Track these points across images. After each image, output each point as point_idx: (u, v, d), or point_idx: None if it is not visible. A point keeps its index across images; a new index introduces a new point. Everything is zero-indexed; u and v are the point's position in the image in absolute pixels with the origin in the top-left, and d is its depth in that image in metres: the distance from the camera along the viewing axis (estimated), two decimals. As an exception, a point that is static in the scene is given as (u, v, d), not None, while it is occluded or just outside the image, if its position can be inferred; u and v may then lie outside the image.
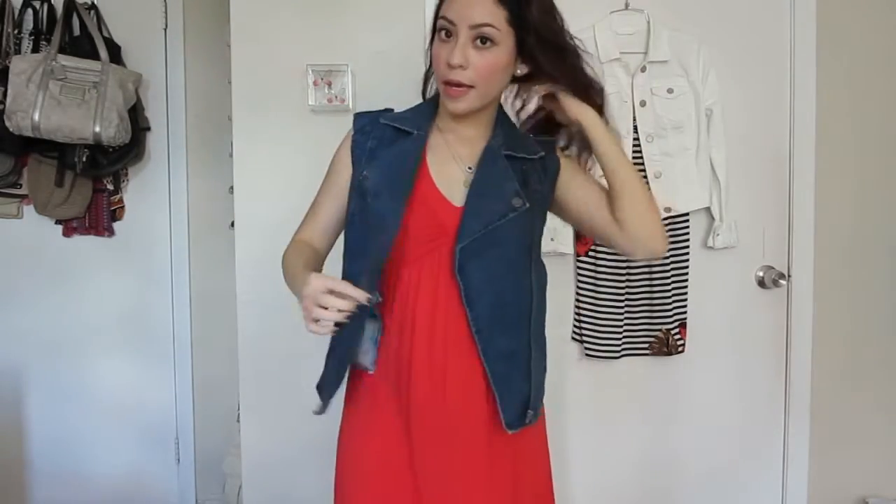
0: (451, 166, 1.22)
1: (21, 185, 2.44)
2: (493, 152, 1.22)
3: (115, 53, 2.36)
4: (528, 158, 1.23)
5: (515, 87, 1.25)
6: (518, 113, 1.29)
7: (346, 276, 1.21)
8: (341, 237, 1.29)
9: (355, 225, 1.23)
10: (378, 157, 1.22)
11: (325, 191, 1.30)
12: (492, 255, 1.18)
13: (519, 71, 1.20)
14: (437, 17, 1.18)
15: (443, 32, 1.15)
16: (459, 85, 1.14)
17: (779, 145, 1.98)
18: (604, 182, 1.23)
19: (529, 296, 1.24)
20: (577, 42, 1.22)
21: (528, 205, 1.18)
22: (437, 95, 1.25)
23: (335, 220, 1.28)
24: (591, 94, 1.22)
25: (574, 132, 1.26)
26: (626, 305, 1.89)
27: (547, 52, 1.17)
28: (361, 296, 1.03)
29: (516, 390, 1.21)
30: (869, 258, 2.07)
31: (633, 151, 1.85)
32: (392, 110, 1.30)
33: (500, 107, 1.27)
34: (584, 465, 1.98)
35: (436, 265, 1.18)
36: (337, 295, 1.03)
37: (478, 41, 1.12)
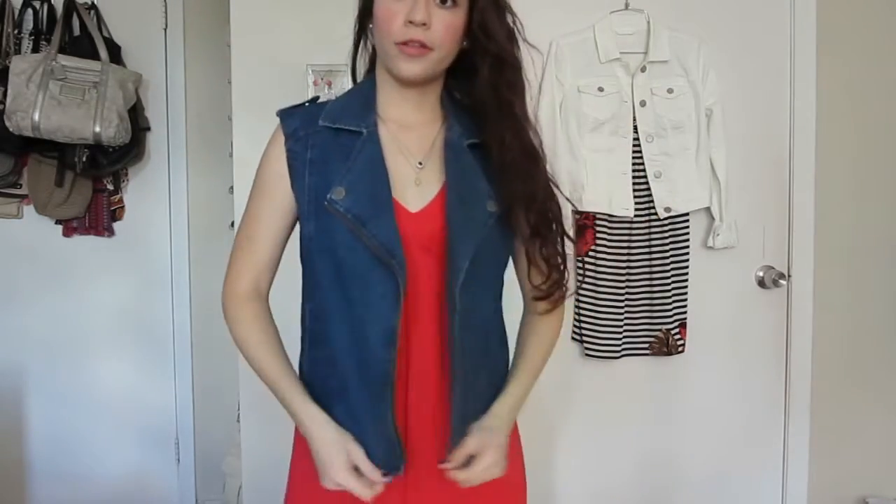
0: (398, 162, 1.06)
1: (21, 185, 2.43)
2: (454, 146, 1.06)
3: (115, 53, 2.36)
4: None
5: None
6: None
7: (332, 305, 1.06)
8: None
9: (321, 251, 1.05)
10: (332, 172, 1.03)
11: (260, 210, 1.10)
12: (475, 276, 1.03)
13: (465, 44, 1.05)
14: None
15: None
16: (422, 45, 0.99)
17: (779, 145, 1.98)
18: None
19: (496, 338, 1.14)
20: (517, 22, 1.08)
21: (500, 210, 1.05)
22: (369, 81, 1.11)
23: (280, 248, 1.12)
24: (506, 70, 1.05)
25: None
26: (626, 305, 1.89)
27: (490, 27, 1.03)
28: (377, 477, 1.00)
29: (471, 415, 1.06)
30: (869, 258, 2.07)
31: (634, 151, 1.85)
32: (318, 98, 1.16)
33: (444, 88, 1.11)
34: (583, 464, 1.98)
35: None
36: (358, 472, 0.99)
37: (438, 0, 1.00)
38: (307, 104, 1.14)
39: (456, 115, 1.09)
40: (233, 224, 1.89)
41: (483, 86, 1.05)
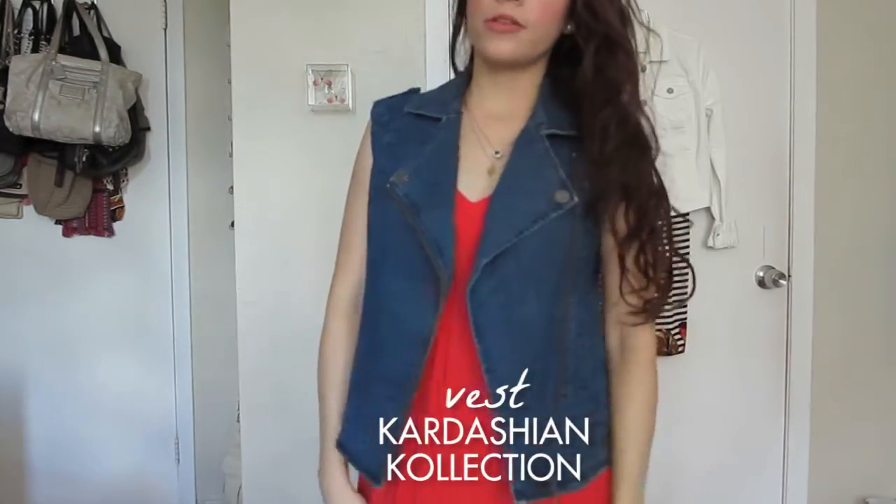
0: (476, 152, 0.98)
1: (21, 185, 2.44)
2: (529, 134, 0.96)
3: (115, 53, 2.37)
4: (580, 137, 0.95)
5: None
6: None
7: (378, 293, 1.01)
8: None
9: (376, 236, 1.02)
10: (402, 156, 0.98)
11: (356, 206, 1.05)
12: (515, 273, 0.92)
13: (569, 27, 0.96)
14: None
15: None
16: (513, 21, 0.90)
17: (779, 145, 1.98)
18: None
19: (561, 333, 0.96)
20: (631, 1, 0.98)
21: (575, 199, 0.93)
22: (464, 73, 1.05)
23: None
24: (618, 54, 0.95)
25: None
26: (626, 305, 1.89)
27: (597, 7, 0.94)
28: None
29: (533, 448, 0.93)
30: (869, 258, 2.07)
31: (633, 151, 1.85)
32: (419, 90, 1.10)
33: (546, 76, 1.01)
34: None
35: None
36: None
37: None
38: (404, 94, 1.08)
39: (547, 105, 0.99)
40: (232, 224, 1.89)
41: (587, 71, 0.94)
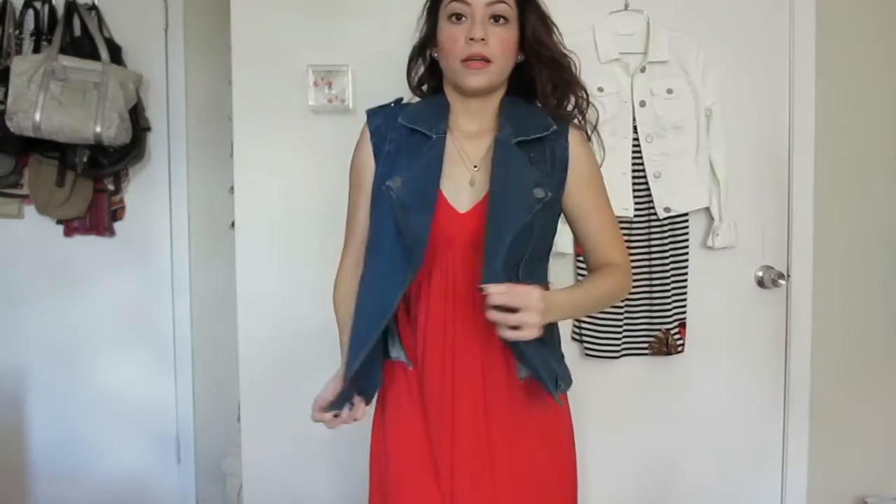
0: (458, 167, 1.22)
1: (22, 186, 2.44)
2: (503, 144, 1.20)
3: (116, 54, 2.37)
4: (538, 138, 1.21)
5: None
6: None
7: (368, 276, 1.26)
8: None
9: (373, 231, 1.25)
10: (399, 165, 1.21)
11: (358, 201, 1.30)
12: (518, 264, 1.18)
13: (519, 58, 1.24)
14: (436, 3, 1.24)
15: (453, 17, 1.19)
16: (483, 59, 1.17)
17: (779, 145, 1.99)
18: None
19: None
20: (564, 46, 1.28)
21: (550, 194, 1.18)
22: (443, 95, 1.27)
23: None
24: (574, 87, 1.27)
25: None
26: (626, 305, 1.90)
27: (542, 38, 1.23)
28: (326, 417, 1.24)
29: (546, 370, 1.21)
30: (868, 258, 2.07)
31: (633, 151, 1.86)
32: (402, 100, 1.31)
33: (505, 94, 1.28)
34: (582, 464, 1.96)
35: (446, 275, 1.19)
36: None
37: (491, 19, 1.18)
38: (392, 105, 1.31)
39: (509, 118, 1.23)
40: (233, 224, 1.90)
41: (546, 84, 1.24)
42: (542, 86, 1.24)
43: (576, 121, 1.27)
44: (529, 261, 1.20)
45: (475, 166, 1.22)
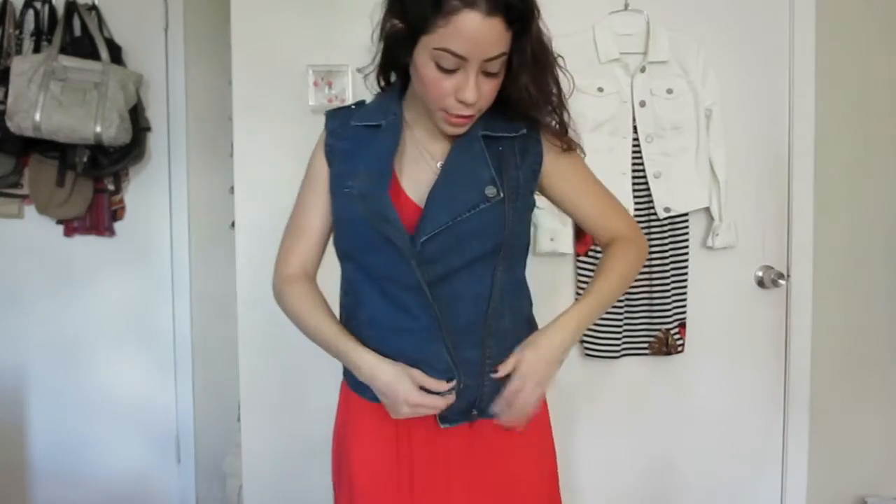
0: (420, 165, 1.16)
1: (22, 186, 2.44)
2: (467, 135, 1.14)
3: (116, 54, 2.37)
4: (508, 137, 1.16)
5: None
6: None
7: (353, 280, 1.20)
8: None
9: (345, 229, 1.18)
10: (354, 161, 1.16)
11: (309, 204, 1.23)
12: (453, 253, 1.11)
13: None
14: (414, 34, 1.05)
15: (442, 63, 1.04)
16: (469, 117, 1.10)
17: (779, 145, 1.99)
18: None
19: (486, 303, 1.14)
20: (559, 62, 1.18)
21: (501, 195, 1.11)
22: (402, 87, 1.19)
23: (325, 235, 1.24)
24: (550, 78, 1.16)
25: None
26: (626, 305, 1.90)
27: (531, 66, 1.11)
28: (444, 386, 1.11)
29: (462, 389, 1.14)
30: (868, 258, 2.07)
31: (633, 151, 1.86)
32: (364, 102, 1.26)
33: None
34: (582, 464, 1.98)
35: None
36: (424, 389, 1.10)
37: (483, 73, 1.06)
38: (353, 107, 1.25)
39: (482, 114, 1.13)
40: (233, 224, 1.90)
41: (529, 88, 1.12)
42: (526, 88, 1.13)
43: (553, 124, 1.20)
44: (505, 259, 1.15)
45: (440, 164, 1.15)
